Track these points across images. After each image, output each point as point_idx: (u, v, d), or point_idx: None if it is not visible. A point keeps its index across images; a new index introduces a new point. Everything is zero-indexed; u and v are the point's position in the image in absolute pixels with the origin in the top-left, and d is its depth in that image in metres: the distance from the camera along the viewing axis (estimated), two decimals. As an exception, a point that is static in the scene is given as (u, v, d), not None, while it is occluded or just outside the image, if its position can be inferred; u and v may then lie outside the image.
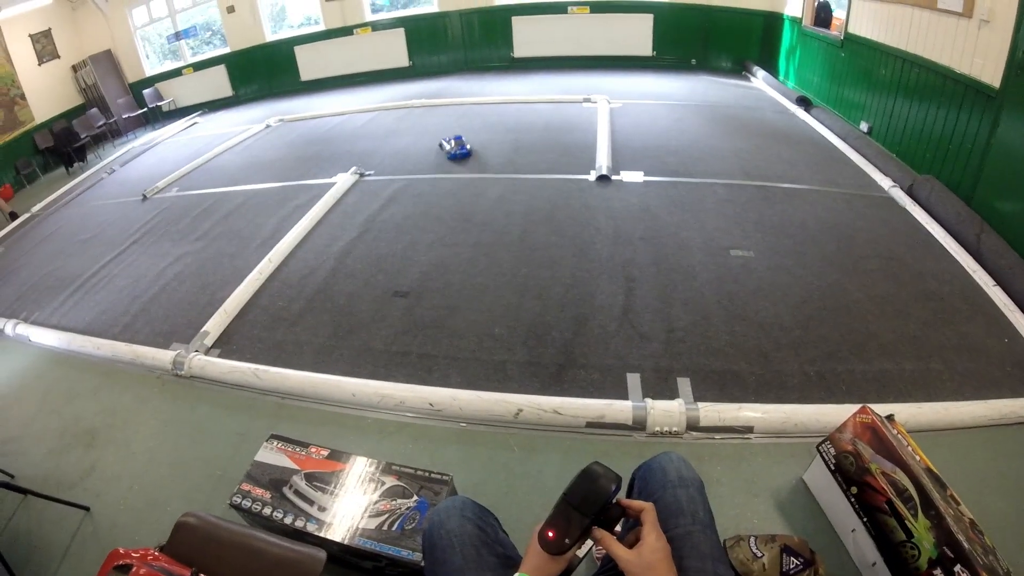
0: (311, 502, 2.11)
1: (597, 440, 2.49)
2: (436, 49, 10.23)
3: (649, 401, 2.54)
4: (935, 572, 1.57)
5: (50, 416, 3.48)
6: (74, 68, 11.23)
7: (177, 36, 11.32)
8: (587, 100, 7.31)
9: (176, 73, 11.53)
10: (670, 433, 2.46)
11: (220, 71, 11.23)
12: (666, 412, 2.49)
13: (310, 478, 2.19)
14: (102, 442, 3.14)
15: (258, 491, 2.18)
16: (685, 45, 9.44)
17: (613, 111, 6.80)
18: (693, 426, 2.47)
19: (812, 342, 2.96)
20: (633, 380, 2.78)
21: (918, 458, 1.80)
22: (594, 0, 9.45)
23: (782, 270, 3.56)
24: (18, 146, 10.31)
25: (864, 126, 5.87)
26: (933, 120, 4.70)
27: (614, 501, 1.17)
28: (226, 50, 11.16)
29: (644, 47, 9.49)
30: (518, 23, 9.67)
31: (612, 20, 9.41)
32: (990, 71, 3.93)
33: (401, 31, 10.11)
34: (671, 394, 2.64)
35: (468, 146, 5.85)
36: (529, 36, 9.73)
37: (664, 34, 9.41)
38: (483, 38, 10.02)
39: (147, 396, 3.37)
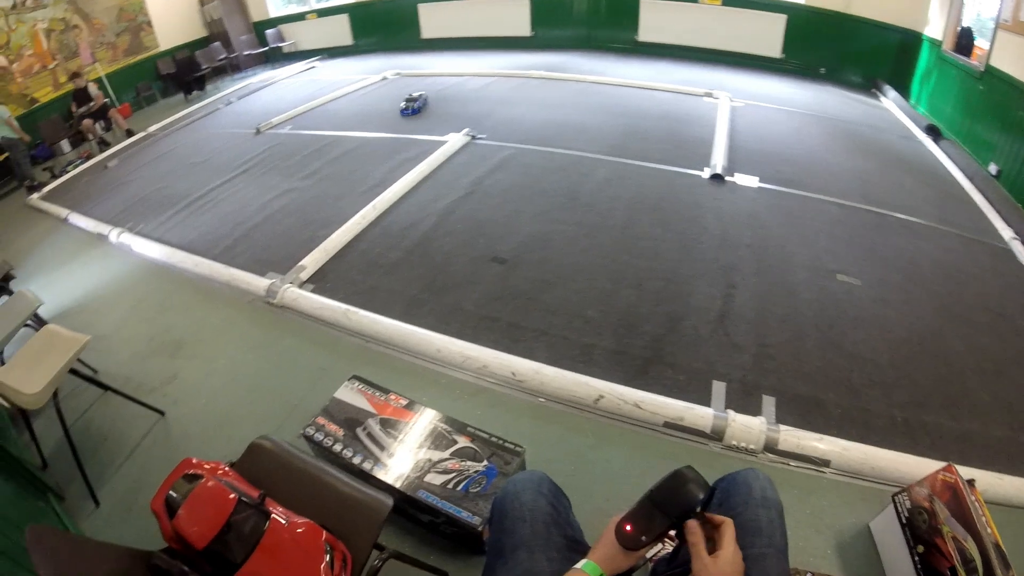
0: (382, 447, 2.15)
1: (671, 442, 2.46)
2: (559, 23, 10.09)
3: (731, 413, 2.49)
4: None
5: (141, 322, 3.67)
6: (201, 2, 11.72)
7: None
8: (708, 95, 7.10)
9: (299, 17, 11.87)
10: (746, 450, 2.40)
11: (343, 20, 11.47)
12: (746, 427, 2.43)
13: (384, 424, 2.24)
14: (187, 354, 3.29)
15: (332, 427, 2.24)
16: (815, 52, 9.01)
17: (734, 110, 6.59)
18: (770, 448, 2.40)
19: (904, 386, 2.79)
20: (718, 388, 2.71)
21: (990, 530, 1.69)
22: (729, -7, 9.16)
23: (886, 304, 3.36)
24: (141, 70, 10.89)
25: (993, 168, 5.47)
26: None
27: (698, 510, 1.14)
28: (350, 0, 11.35)
29: (773, 48, 9.12)
30: (646, 6, 9.42)
31: (743, 16, 9.06)
32: None
33: (527, 1, 10.02)
34: (754, 410, 2.57)
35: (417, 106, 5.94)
36: (656, 21, 9.47)
37: (795, 37, 9.00)
38: (609, 17, 9.82)
39: (236, 319, 3.51)
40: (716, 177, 4.73)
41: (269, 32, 11.88)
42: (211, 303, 3.73)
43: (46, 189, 6.97)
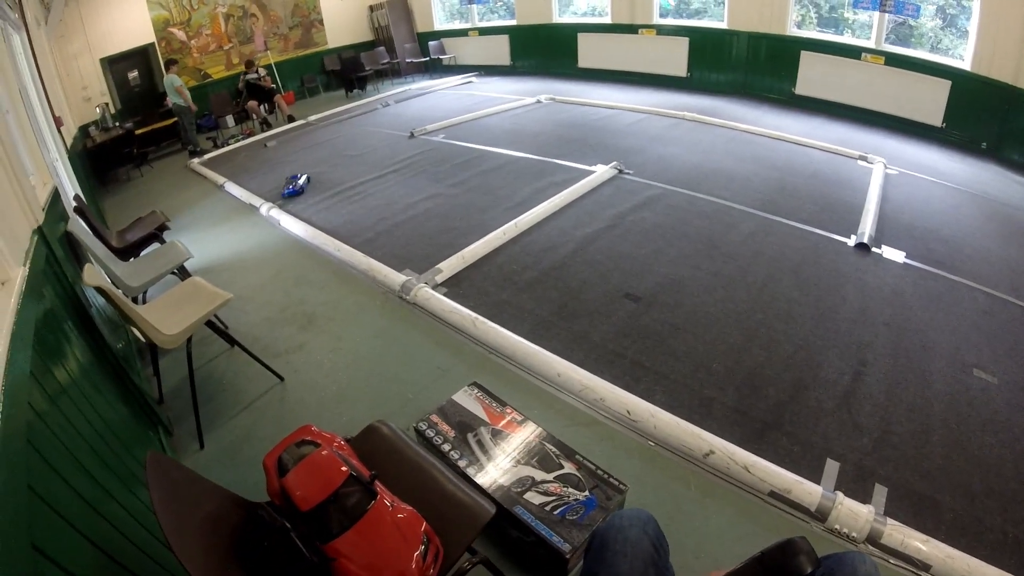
0: (489, 456, 2.23)
1: (773, 513, 2.44)
2: (717, 67, 10.07)
3: (840, 495, 2.43)
4: None
5: (277, 291, 3.99)
6: (371, 8, 12.64)
7: (470, 0, 12.13)
8: (863, 158, 6.89)
9: (462, 33, 12.47)
10: (848, 537, 2.34)
11: (503, 40, 11.94)
12: (852, 513, 2.37)
13: (496, 434, 2.33)
14: (316, 329, 3.56)
15: (444, 427, 2.36)
16: (979, 124, 8.49)
17: (888, 177, 6.38)
18: (873, 539, 2.33)
19: None
20: (831, 467, 2.65)
21: None
22: (891, 52, 8.84)
23: (1022, 410, 3.22)
24: (308, 63, 11.85)
25: None
26: None
27: None
28: (512, 22, 11.80)
29: (934, 116, 8.69)
30: (806, 58, 9.23)
31: (906, 78, 8.68)
32: None
33: (685, 40, 10.06)
34: (864, 497, 2.50)
35: (299, 184, 5.90)
36: (815, 74, 9.27)
37: (958, 106, 8.52)
38: (767, 65, 9.71)
39: (368, 306, 3.76)
40: (862, 246, 4.62)
41: (432, 43, 12.54)
42: (347, 287, 4.00)
43: (207, 156, 7.69)
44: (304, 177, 5.96)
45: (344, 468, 1.64)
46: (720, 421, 2.85)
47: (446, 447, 2.28)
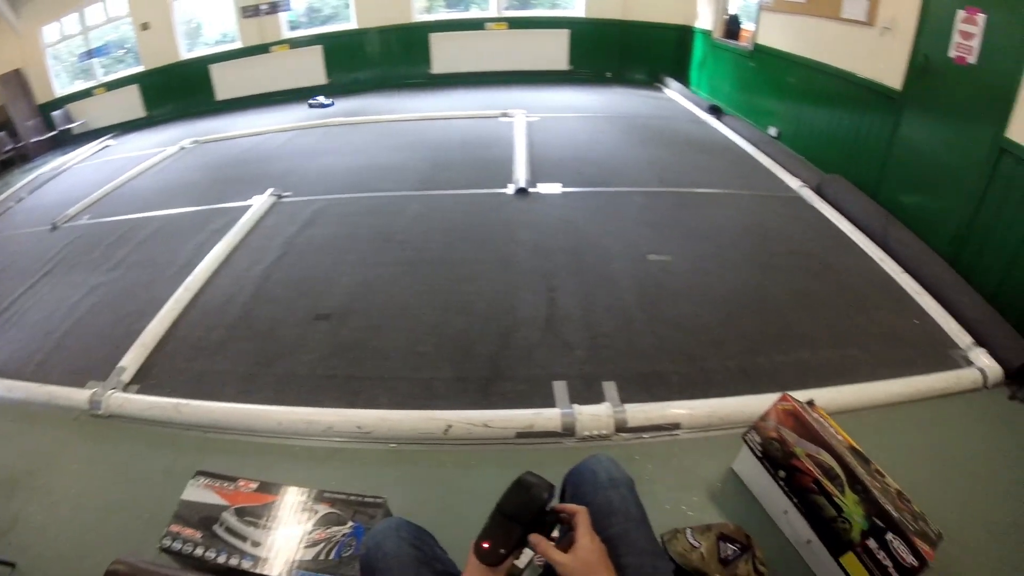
0: (244, 538, 2.06)
1: (529, 450, 2.54)
2: (354, 66, 10.14)
3: (576, 407, 2.61)
4: (868, 542, 1.67)
5: None
6: None
7: (89, 54, 10.80)
8: (504, 115, 7.43)
9: (87, 93, 11.02)
10: (600, 436, 2.53)
11: (133, 91, 10.81)
12: (594, 416, 2.57)
13: (241, 513, 2.14)
14: (23, 492, 2.99)
15: (188, 531, 2.12)
16: (601, 59, 9.71)
17: (531, 125, 6.95)
18: (621, 428, 2.54)
19: (733, 338, 3.12)
20: (560, 388, 2.83)
21: (840, 438, 1.92)
22: (511, 16, 9.62)
23: (701, 272, 3.73)
24: None
25: (773, 131, 6.19)
26: (838, 123, 5.03)
27: (548, 508, 1.19)
28: (139, 69, 10.78)
29: (561, 61, 9.72)
30: (436, 40, 9.74)
31: (529, 36, 9.61)
32: (892, 74, 4.26)
33: (319, 48, 10.00)
34: (598, 399, 2.71)
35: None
36: (447, 52, 9.81)
37: (580, 49, 9.66)
38: (402, 55, 10.02)
39: (66, 439, 3.23)
40: (521, 191, 4.97)
41: (56, 113, 10.90)
42: (36, 427, 3.38)
43: None
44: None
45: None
46: (447, 395, 2.90)
47: (200, 551, 2.02)
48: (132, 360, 3.56)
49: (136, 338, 3.74)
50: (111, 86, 10.93)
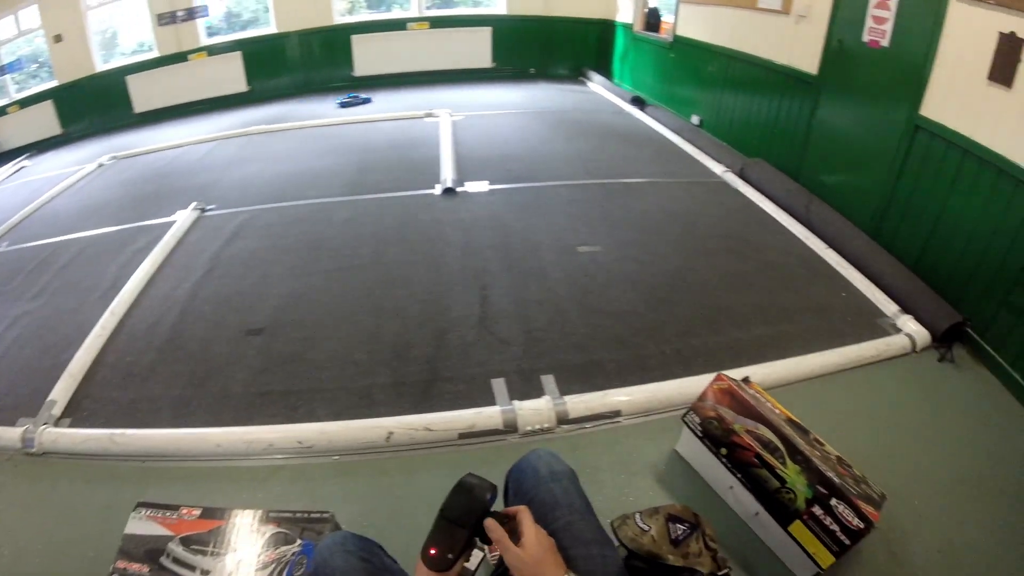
0: (192, 567, 2.03)
1: (473, 449, 2.57)
2: (276, 72, 9.93)
3: (517, 403, 2.66)
4: (814, 509, 1.77)
5: None
6: None
7: (1, 70, 10.32)
8: (429, 115, 7.45)
9: (1, 112, 10.54)
10: (542, 430, 2.58)
11: (47, 107, 10.32)
12: (535, 411, 2.63)
13: (187, 542, 2.10)
14: None
15: (135, 566, 2.07)
16: (524, 55, 9.81)
17: (456, 124, 6.98)
18: (563, 419, 2.61)
19: (666, 323, 3.23)
20: (498, 385, 2.87)
21: (778, 411, 2.04)
22: (433, 16, 9.61)
23: (630, 260, 3.84)
24: None
25: (695, 119, 6.40)
26: (759, 108, 5.25)
27: (492, 509, 1.19)
28: (54, 83, 10.32)
29: (484, 59, 9.77)
30: (358, 42, 9.61)
31: (451, 35, 9.61)
32: (808, 60, 4.48)
33: (239, 55, 9.74)
34: (537, 393, 2.77)
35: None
36: (370, 54, 9.69)
37: (503, 46, 9.72)
38: (323, 59, 9.86)
39: (1, 482, 3.13)
40: (448, 191, 5.01)
41: None
42: None
43: None
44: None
45: None
46: (386, 402, 2.89)
47: (149, 586, 1.98)
48: (62, 392, 3.42)
49: (64, 369, 3.61)
50: (24, 103, 10.42)
